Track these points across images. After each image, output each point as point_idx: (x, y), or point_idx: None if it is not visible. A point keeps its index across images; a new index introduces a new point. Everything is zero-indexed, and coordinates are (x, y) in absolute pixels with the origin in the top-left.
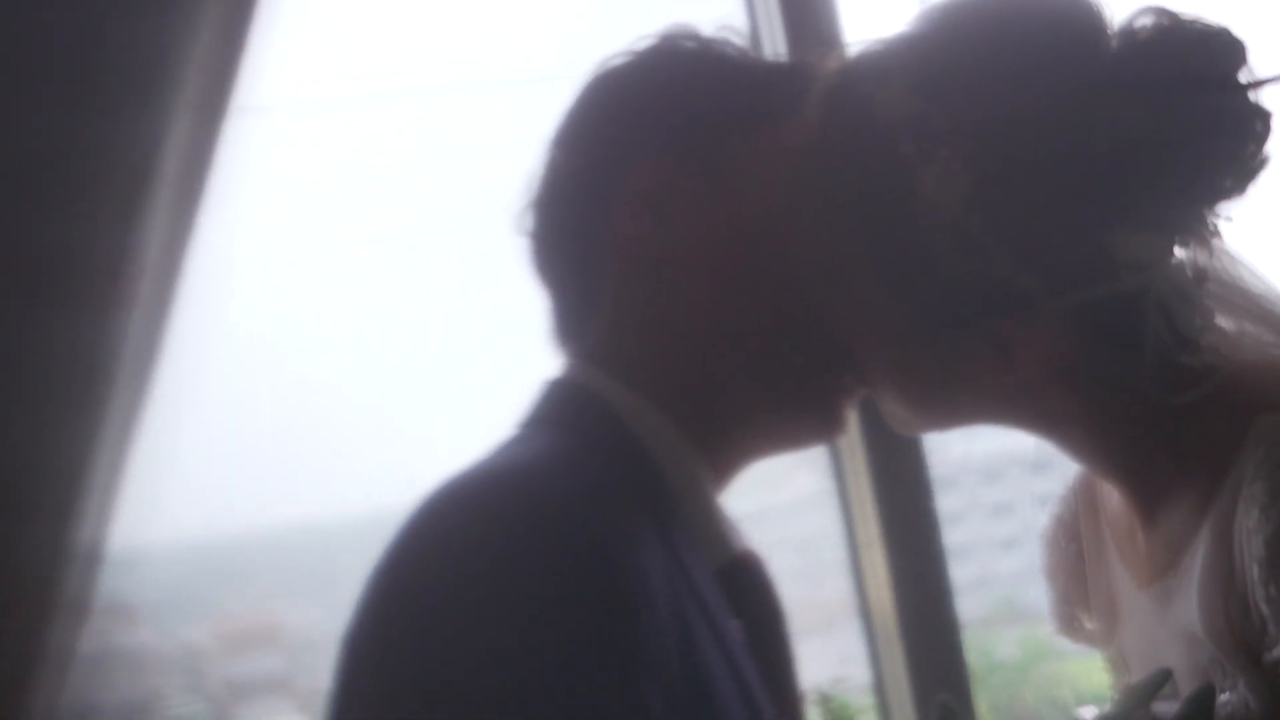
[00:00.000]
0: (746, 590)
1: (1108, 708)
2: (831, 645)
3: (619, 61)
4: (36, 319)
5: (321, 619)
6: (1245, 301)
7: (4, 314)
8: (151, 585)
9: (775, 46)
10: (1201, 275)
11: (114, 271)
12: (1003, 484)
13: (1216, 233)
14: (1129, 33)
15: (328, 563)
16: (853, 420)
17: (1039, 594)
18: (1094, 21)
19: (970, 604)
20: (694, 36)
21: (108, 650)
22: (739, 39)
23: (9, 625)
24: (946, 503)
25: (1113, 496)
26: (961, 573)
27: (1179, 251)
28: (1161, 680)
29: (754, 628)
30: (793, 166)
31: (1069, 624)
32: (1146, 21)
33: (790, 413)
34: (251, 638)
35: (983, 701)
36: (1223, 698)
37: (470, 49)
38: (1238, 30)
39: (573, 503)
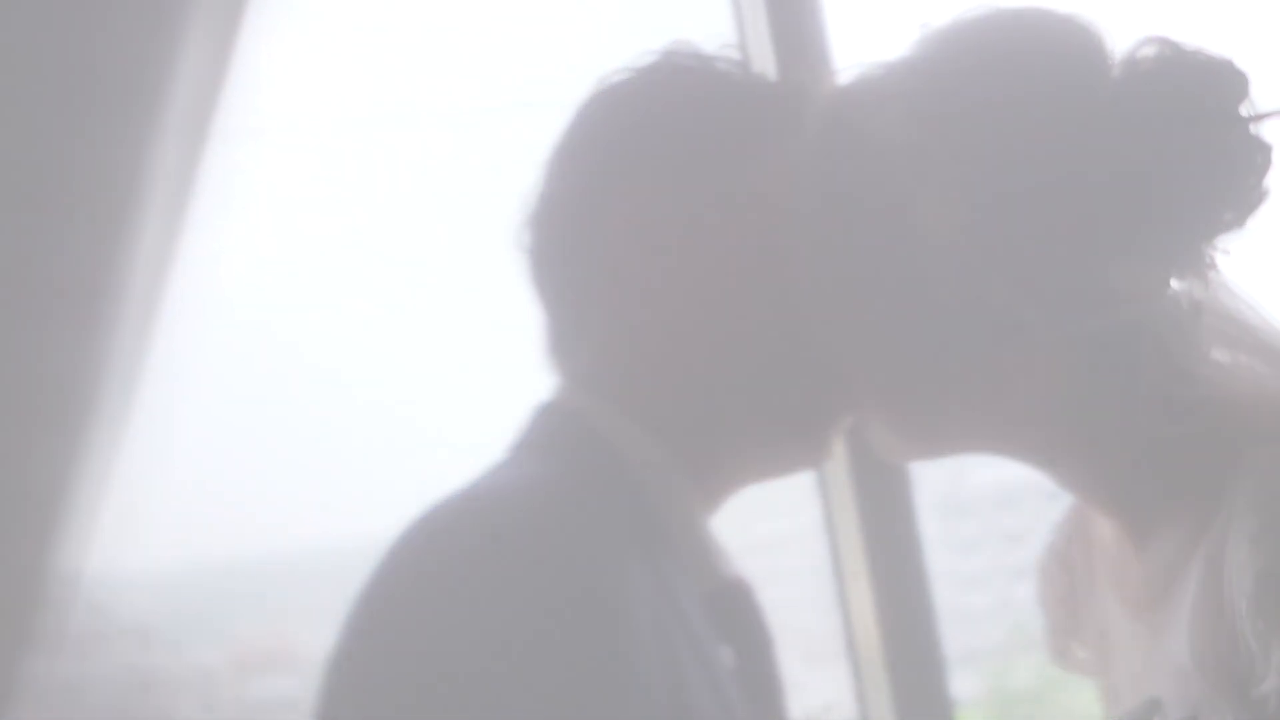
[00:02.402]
0: (736, 617)
1: None
2: (822, 674)
3: (617, 79)
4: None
5: None
6: (1241, 334)
7: None
8: (165, 607)
9: (763, 66)
10: (1198, 308)
11: (103, 287)
12: (1019, 511)
13: (1214, 265)
14: (1131, 62)
15: (342, 585)
16: (839, 451)
17: None
18: (1095, 50)
19: (986, 632)
20: (695, 54)
21: (122, 672)
22: (739, 56)
23: None
24: (963, 530)
25: (1105, 527)
26: (977, 600)
27: (1176, 283)
28: (1150, 710)
29: (743, 655)
30: (787, 190)
31: (1062, 654)
32: (1149, 51)
33: (779, 438)
34: (266, 660)
35: None
36: None
37: (463, 72)
38: (1241, 62)
39: (557, 529)
